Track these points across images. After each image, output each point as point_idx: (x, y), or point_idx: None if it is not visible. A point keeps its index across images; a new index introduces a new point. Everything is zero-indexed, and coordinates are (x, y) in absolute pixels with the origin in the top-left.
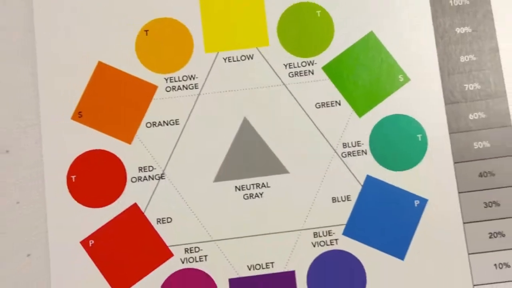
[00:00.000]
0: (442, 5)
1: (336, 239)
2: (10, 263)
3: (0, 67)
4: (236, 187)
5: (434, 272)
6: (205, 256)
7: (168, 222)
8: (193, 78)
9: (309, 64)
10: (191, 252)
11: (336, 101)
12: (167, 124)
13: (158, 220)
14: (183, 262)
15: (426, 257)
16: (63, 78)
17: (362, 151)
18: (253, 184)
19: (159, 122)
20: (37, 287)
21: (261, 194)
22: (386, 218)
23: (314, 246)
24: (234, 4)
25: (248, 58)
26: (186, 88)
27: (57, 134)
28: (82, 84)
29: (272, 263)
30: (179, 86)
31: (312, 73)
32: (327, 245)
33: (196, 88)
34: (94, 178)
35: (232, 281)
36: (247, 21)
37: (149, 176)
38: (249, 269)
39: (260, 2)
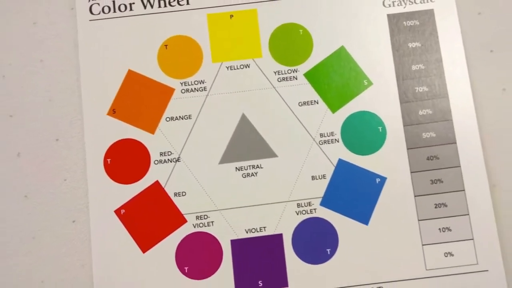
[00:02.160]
0: (398, 26)
1: (314, 209)
2: (59, 228)
3: (52, 75)
4: (236, 168)
5: (391, 235)
6: (212, 222)
7: (183, 195)
8: (203, 83)
9: (293, 72)
10: (201, 219)
11: (314, 101)
12: (182, 119)
13: (175, 193)
14: (194, 227)
15: (385, 223)
16: (100, 83)
17: (335, 139)
18: (249, 166)
19: (176, 117)
20: (80, 246)
21: (255, 174)
22: (354, 192)
23: (298, 214)
24: (235, 25)
25: (246, 67)
26: (197, 91)
27: (96, 127)
28: (116, 87)
29: (264, 227)
30: (191, 88)
31: (296, 79)
32: (307, 213)
33: (205, 90)
34: (125, 161)
35: (233, 242)
36: (245, 38)
37: (168, 159)
38: (246, 232)
39: (255, 23)
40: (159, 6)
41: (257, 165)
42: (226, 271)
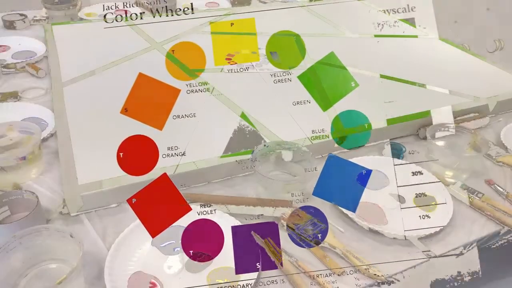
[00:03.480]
0: (382, 32)
1: (307, 198)
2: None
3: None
4: (236, 161)
5: (377, 222)
6: (215, 210)
7: (188, 186)
8: (206, 84)
9: (288, 74)
10: (205, 207)
11: (307, 100)
12: (188, 117)
13: (181, 184)
14: (199, 214)
15: (371, 211)
16: (113, 84)
17: (325, 135)
18: (248, 159)
19: (182, 115)
20: (96, 232)
21: (254, 166)
22: (342, 183)
23: (292, 203)
24: (235, 32)
25: (245, 70)
26: (201, 91)
27: (110, 123)
28: (127, 88)
29: (261, 215)
30: (196, 89)
31: (290, 81)
32: (301, 202)
33: (208, 91)
34: (136, 155)
35: (233, 228)
36: (244, 44)
37: (175, 153)
38: (245, 219)
39: (253, 31)
40: (167, 15)
41: (255, 159)
42: (227, 254)
